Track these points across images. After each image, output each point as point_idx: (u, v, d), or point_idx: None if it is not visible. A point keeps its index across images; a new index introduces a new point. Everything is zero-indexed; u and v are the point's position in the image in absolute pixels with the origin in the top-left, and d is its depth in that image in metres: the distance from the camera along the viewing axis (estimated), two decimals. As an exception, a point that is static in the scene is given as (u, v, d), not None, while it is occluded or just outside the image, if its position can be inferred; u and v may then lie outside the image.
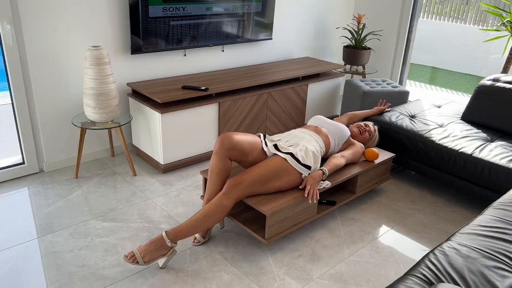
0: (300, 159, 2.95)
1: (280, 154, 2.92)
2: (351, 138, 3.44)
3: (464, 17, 8.29)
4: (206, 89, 3.83)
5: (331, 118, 4.76)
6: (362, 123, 3.61)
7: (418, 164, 3.78)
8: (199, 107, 3.82)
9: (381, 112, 4.03)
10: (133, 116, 3.93)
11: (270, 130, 4.47)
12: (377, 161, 3.54)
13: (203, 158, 4.07)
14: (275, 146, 3.01)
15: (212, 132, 4.02)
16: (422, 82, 8.22)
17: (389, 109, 4.06)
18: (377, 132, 3.63)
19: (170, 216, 3.21)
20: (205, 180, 3.20)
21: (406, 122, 3.93)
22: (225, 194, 2.69)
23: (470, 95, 7.11)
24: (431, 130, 3.81)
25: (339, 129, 3.37)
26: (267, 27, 4.86)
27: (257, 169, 2.82)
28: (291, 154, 2.94)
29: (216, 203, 2.68)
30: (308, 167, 2.96)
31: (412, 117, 4.12)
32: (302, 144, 3.05)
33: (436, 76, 8.61)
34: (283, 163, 2.88)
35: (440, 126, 3.93)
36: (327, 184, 3.02)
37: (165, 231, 2.63)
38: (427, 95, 5.64)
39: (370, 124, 3.63)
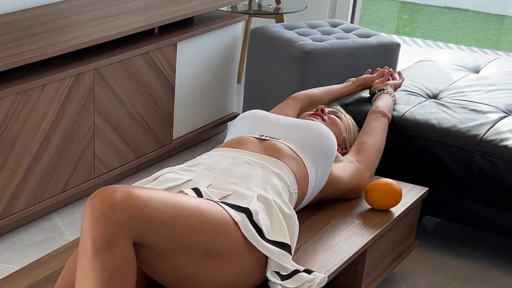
0: (265, 230, 2.76)
1: (228, 209, 2.75)
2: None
3: None
4: None
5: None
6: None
7: (473, 205, 3.74)
8: None
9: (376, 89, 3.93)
10: None
11: (104, 163, 4.36)
12: (398, 208, 3.37)
13: None
14: (197, 192, 2.84)
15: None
16: (413, 35, 9.05)
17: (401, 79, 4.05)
18: (351, 120, 3.81)
19: None
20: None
21: (433, 111, 3.88)
22: (106, 248, 2.34)
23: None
24: (496, 123, 3.75)
25: (318, 136, 3.31)
26: None
27: (179, 200, 2.64)
28: (248, 212, 2.77)
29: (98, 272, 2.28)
30: (285, 247, 2.79)
31: (436, 97, 4.12)
32: (256, 192, 2.90)
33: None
34: (233, 228, 2.72)
35: (508, 112, 3.89)
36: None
37: None
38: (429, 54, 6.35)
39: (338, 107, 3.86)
